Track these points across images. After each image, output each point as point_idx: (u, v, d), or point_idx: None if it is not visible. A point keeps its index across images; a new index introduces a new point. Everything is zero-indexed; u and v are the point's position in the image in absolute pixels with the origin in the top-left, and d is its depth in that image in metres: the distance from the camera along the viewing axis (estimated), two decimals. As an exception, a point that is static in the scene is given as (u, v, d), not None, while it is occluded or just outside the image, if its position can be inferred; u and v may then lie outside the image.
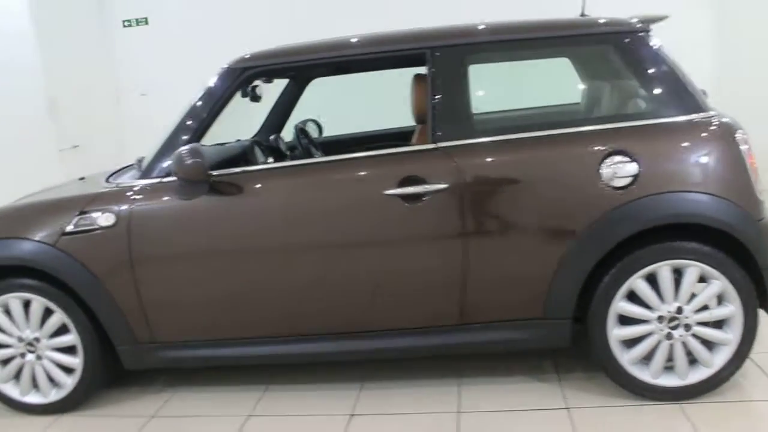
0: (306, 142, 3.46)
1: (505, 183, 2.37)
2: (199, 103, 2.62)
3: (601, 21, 2.51)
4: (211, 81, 2.63)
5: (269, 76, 2.77)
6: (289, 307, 2.56)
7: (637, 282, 2.36)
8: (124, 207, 2.55)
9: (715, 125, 2.39)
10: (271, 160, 3.21)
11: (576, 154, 2.36)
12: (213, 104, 2.59)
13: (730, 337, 2.37)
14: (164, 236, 2.55)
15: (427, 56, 2.47)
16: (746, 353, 2.39)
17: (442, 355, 2.78)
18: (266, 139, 3.44)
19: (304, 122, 3.69)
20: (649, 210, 2.31)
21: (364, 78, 3.63)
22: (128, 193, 2.58)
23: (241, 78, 2.59)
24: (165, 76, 5.84)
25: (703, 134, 2.37)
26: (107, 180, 2.82)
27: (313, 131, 3.74)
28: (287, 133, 3.72)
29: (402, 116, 3.87)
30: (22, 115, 4.95)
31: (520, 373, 2.75)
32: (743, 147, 2.35)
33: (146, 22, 5.87)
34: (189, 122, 2.61)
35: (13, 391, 2.78)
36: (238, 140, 3.36)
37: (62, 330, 2.68)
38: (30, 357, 2.73)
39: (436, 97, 2.44)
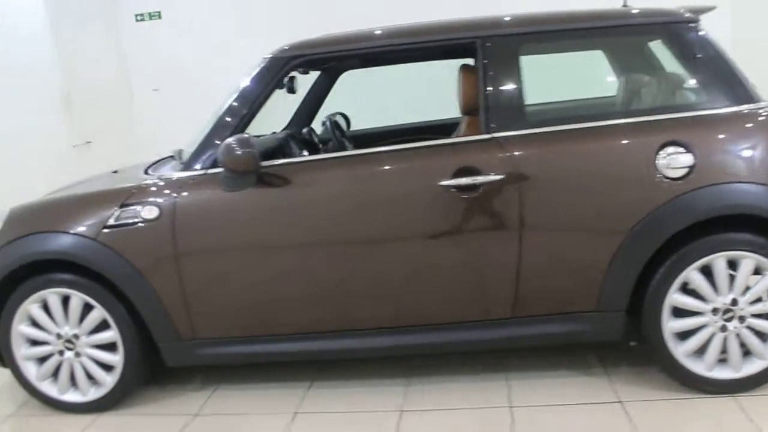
0: (339, 135, 3.41)
1: (560, 174, 2.34)
2: (243, 93, 2.57)
3: (652, 11, 2.49)
4: (255, 70, 2.58)
5: (314, 65, 2.72)
6: (339, 301, 2.52)
7: (692, 274, 2.34)
8: (168, 199, 2.50)
9: (767, 115, 2.37)
10: (306, 152, 3.17)
11: (631, 144, 2.34)
12: (257, 94, 2.55)
13: (786, 329, 2.36)
14: (209, 229, 2.50)
15: (478, 46, 2.44)
16: (801, 345, 2.38)
17: (492, 350, 2.74)
18: (299, 132, 3.40)
19: (333, 115, 3.65)
20: (705, 201, 2.29)
21: (382, 73, 3.60)
22: (171, 185, 2.53)
23: (287, 67, 2.54)
24: (178, 71, 5.78)
25: (757, 124, 2.35)
26: (146, 172, 2.77)
27: (341, 125, 3.70)
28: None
29: (422, 110, 3.87)
30: (36, 111, 4.86)
31: (565, 367, 2.72)
32: (798, 137, 2.33)
33: (159, 16, 5.79)
34: (233, 113, 2.56)
35: (50, 389, 2.72)
36: (274, 132, 3.32)
37: (102, 326, 2.63)
38: (68, 354, 2.67)
39: (488, 87, 2.41)
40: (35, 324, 2.67)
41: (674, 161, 2.29)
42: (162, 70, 5.81)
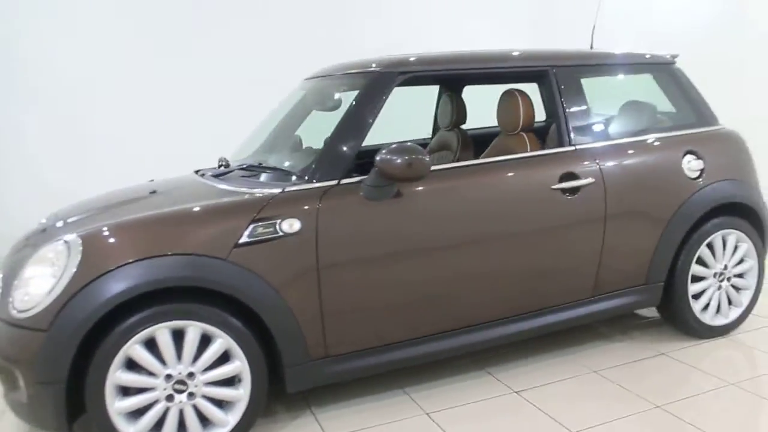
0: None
1: (626, 176, 2.93)
2: (359, 106, 2.61)
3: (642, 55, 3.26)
4: (366, 85, 2.65)
5: (416, 82, 2.84)
6: (467, 300, 2.70)
7: (703, 249, 3.13)
8: (309, 211, 2.40)
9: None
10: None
11: (664, 153, 3.05)
12: (374, 107, 2.61)
13: None
14: (352, 240, 2.46)
15: (551, 74, 2.91)
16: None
17: (572, 327, 3.13)
18: None
19: None
20: (713, 195, 3.07)
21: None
22: (308, 197, 2.43)
23: (397, 81, 2.66)
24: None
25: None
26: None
27: None
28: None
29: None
30: None
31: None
32: None
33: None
34: (352, 125, 2.59)
35: (153, 444, 2.29)
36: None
37: (220, 359, 2.35)
38: (179, 398, 2.30)
39: (566, 106, 2.90)
40: (132, 368, 2.25)
41: (692, 165, 3.05)
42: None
